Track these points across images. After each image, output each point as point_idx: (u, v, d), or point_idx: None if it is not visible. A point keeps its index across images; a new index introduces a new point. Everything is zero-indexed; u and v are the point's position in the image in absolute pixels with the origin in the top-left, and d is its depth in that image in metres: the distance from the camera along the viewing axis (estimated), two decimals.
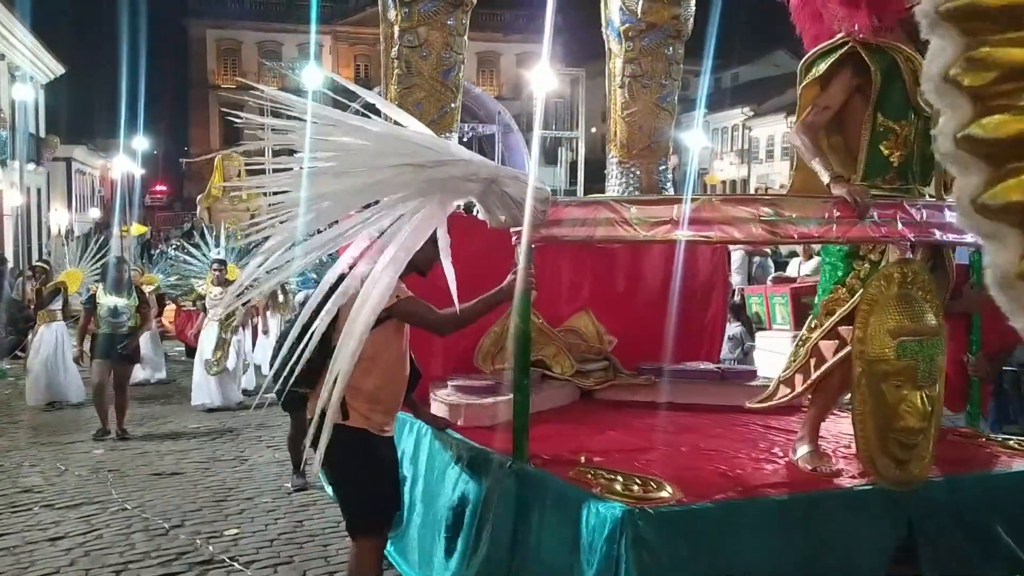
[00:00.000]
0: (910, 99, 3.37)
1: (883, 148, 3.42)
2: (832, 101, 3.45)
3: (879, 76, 3.36)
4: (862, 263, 3.42)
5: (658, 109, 6.45)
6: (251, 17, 44.51)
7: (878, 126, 3.41)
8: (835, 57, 3.44)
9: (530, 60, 36.86)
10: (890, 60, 3.36)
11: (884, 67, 3.36)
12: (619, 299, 5.88)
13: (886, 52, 3.37)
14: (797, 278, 9.45)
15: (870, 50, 3.37)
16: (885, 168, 3.42)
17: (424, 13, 5.57)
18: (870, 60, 3.36)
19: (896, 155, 3.40)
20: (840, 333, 3.42)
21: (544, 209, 3.11)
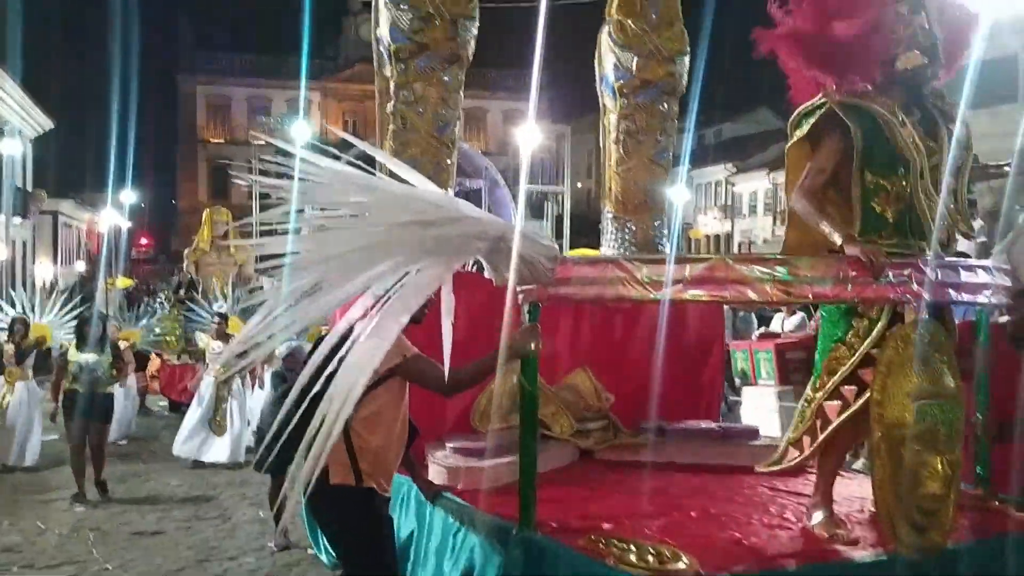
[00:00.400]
0: (898, 155, 3.35)
1: (875, 205, 3.39)
2: (825, 163, 3.44)
3: (860, 134, 3.35)
4: (861, 320, 3.36)
5: (653, 165, 6.45)
6: (241, 73, 45.00)
7: (868, 183, 3.39)
8: (816, 117, 3.45)
9: (517, 117, 37.42)
10: (871, 118, 3.36)
11: (865, 125, 3.35)
12: (616, 356, 5.79)
13: (865, 110, 3.36)
14: (781, 333, 9.44)
15: (848, 109, 3.37)
16: (881, 224, 3.38)
17: (420, 69, 5.56)
18: (848, 119, 3.36)
19: (890, 211, 3.37)
20: (843, 393, 3.36)
21: (552, 267, 3.04)
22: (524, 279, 3.08)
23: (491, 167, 15.67)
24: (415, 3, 5.43)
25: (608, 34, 6.28)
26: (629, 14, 6.20)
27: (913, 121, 3.39)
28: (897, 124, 3.34)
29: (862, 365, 3.28)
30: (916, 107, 3.46)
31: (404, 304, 2.95)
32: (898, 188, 3.35)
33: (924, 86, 3.43)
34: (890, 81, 3.41)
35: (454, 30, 5.52)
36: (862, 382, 3.27)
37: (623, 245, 6.43)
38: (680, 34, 6.31)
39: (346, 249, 2.91)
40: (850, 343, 3.37)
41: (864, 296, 3.03)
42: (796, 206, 3.45)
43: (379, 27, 5.64)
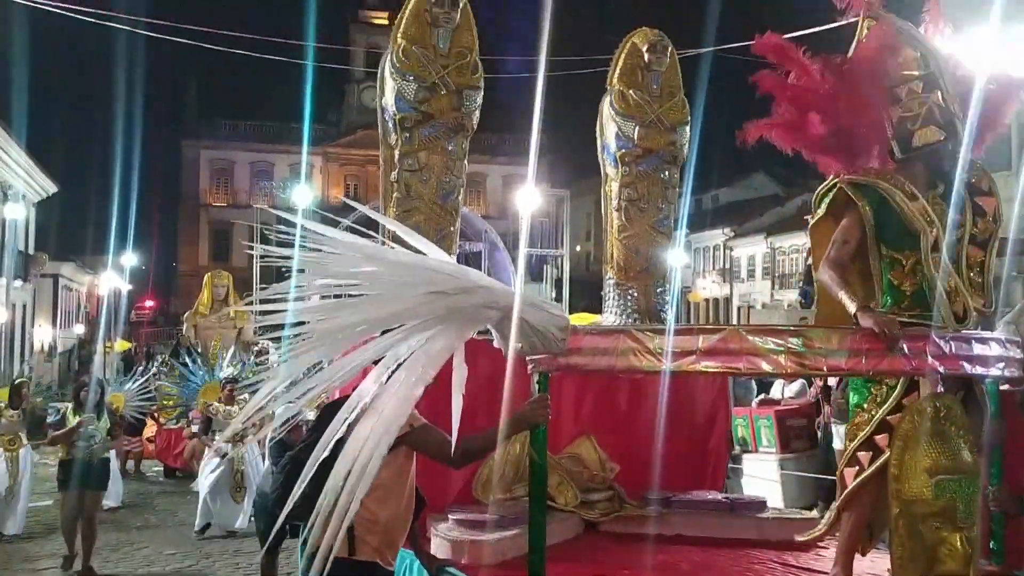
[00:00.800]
0: (909, 230, 3.38)
1: (892, 278, 3.43)
2: (849, 235, 3.49)
3: (869, 211, 3.41)
4: (880, 387, 3.38)
5: (655, 232, 6.48)
6: (244, 138, 45.66)
7: (884, 257, 3.45)
8: (829, 198, 3.54)
9: (516, 181, 37.73)
10: (878, 194, 3.41)
11: (875, 202, 3.41)
12: (620, 423, 5.72)
13: (873, 188, 3.42)
14: (781, 400, 9.38)
15: (857, 188, 3.44)
16: (899, 297, 3.41)
17: (425, 138, 5.61)
18: (856, 198, 3.42)
19: (907, 284, 3.40)
20: (860, 459, 3.35)
21: (563, 337, 3.01)
22: (535, 349, 3.05)
23: (491, 230, 15.78)
24: (420, 74, 5.51)
25: (610, 103, 6.36)
26: (631, 84, 6.30)
27: (935, 195, 3.43)
28: (906, 199, 3.37)
29: (878, 431, 3.29)
30: (940, 180, 3.50)
31: (416, 374, 2.92)
32: (912, 260, 3.39)
33: (945, 160, 3.47)
34: (908, 157, 3.47)
35: (459, 100, 5.59)
36: (877, 447, 3.27)
37: (625, 311, 6.42)
38: (681, 104, 6.41)
39: (357, 318, 2.88)
40: (868, 410, 3.39)
41: (878, 369, 3.00)
42: (822, 276, 3.50)
43: (384, 96, 5.71)
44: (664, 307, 6.51)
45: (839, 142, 3.44)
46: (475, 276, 3.03)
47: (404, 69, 5.51)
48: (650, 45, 6.24)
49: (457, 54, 5.64)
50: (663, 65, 6.28)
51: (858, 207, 3.45)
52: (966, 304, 3.36)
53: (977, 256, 3.45)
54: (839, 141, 3.44)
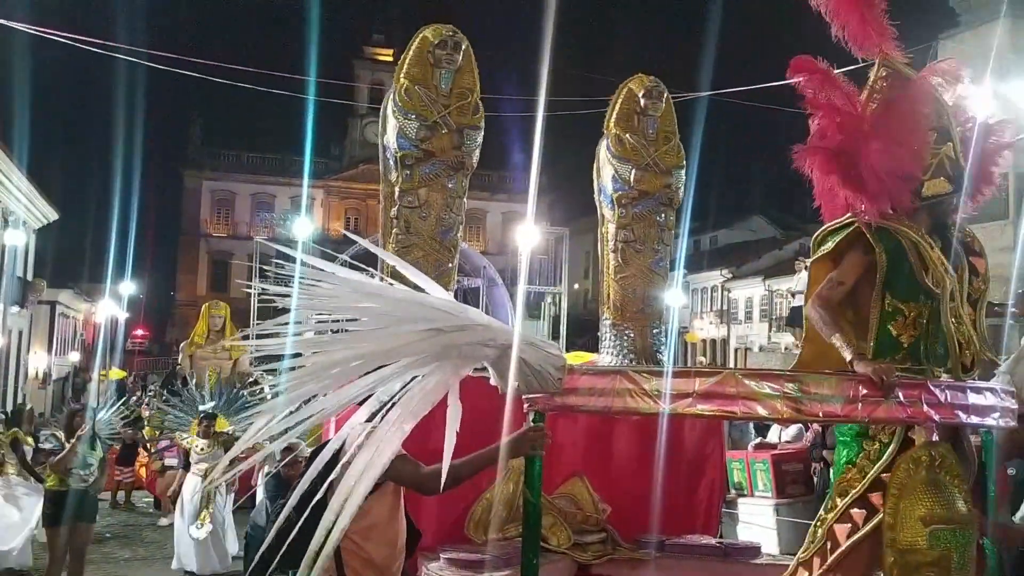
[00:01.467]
0: (919, 282, 3.37)
1: (892, 328, 3.40)
2: (846, 277, 3.45)
3: (885, 257, 3.38)
4: (872, 443, 3.33)
5: (651, 273, 6.52)
6: (247, 170, 45.92)
7: (887, 306, 3.41)
8: (842, 236, 3.49)
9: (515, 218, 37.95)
10: (896, 242, 3.39)
11: (890, 248, 3.38)
12: (614, 465, 5.69)
13: (893, 234, 3.40)
14: (778, 444, 9.33)
15: (876, 231, 3.41)
16: (895, 348, 3.39)
17: (425, 175, 5.68)
18: (874, 241, 3.39)
19: (905, 336, 3.39)
20: (853, 516, 3.30)
21: (560, 377, 3.01)
22: (531, 387, 3.04)
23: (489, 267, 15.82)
24: (422, 112, 5.59)
25: (606, 147, 6.45)
26: (627, 128, 6.39)
27: (938, 249, 3.44)
28: (927, 248, 3.37)
29: (872, 489, 3.23)
30: (938, 236, 3.51)
31: (409, 411, 2.91)
32: (915, 314, 3.38)
33: (947, 215, 3.50)
34: (915, 207, 3.47)
35: (459, 139, 5.67)
36: (872, 505, 3.21)
37: (621, 352, 6.44)
38: (676, 148, 6.49)
39: (352, 354, 2.88)
40: (860, 466, 3.34)
41: (874, 416, 2.99)
42: (811, 313, 3.45)
43: (386, 134, 5.77)
44: (660, 347, 6.52)
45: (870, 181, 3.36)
46: (473, 314, 3.04)
47: (406, 108, 5.60)
48: (646, 91, 6.35)
49: (458, 95, 5.73)
50: (659, 110, 6.39)
51: (862, 250, 3.42)
52: (975, 355, 3.36)
53: (970, 314, 3.45)
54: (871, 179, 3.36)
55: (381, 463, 2.86)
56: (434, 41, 5.70)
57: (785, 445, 9.21)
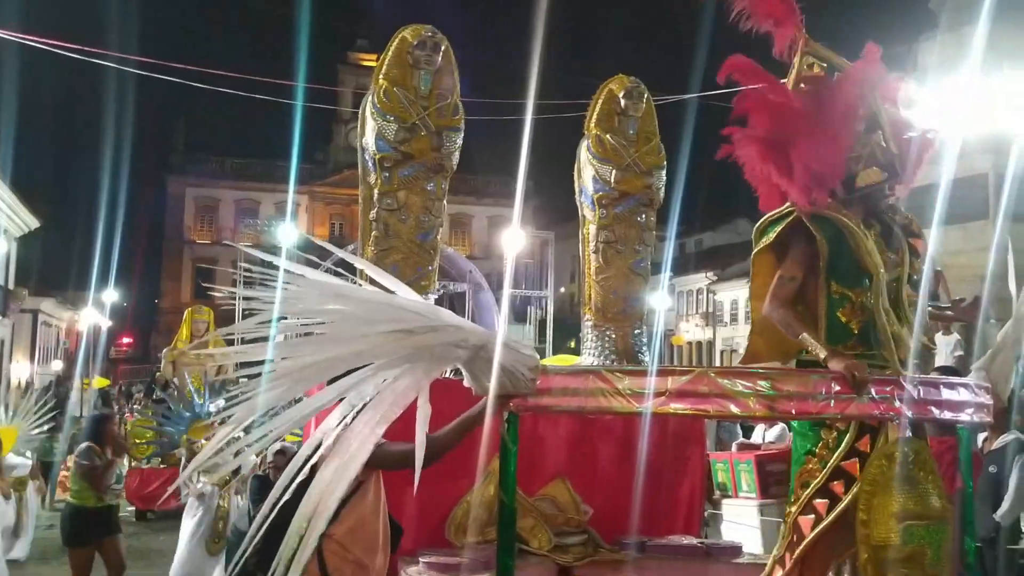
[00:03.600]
0: (860, 266, 3.41)
1: (840, 315, 3.43)
2: (795, 271, 3.49)
3: (825, 244, 3.42)
4: (830, 432, 3.36)
5: (632, 274, 6.53)
6: (231, 176, 45.74)
7: (832, 293, 3.44)
8: (782, 225, 3.52)
9: (501, 222, 37.96)
10: (835, 229, 3.43)
11: (830, 235, 3.42)
12: (595, 467, 5.68)
13: (831, 221, 3.44)
14: (762, 445, 9.34)
15: (815, 219, 3.45)
16: (846, 335, 3.41)
17: (404, 178, 5.65)
18: (814, 229, 3.43)
19: (855, 322, 3.41)
20: (816, 507, 3.32)
21: (533, 377, 2.99)
22: (504, 388, 3.03)
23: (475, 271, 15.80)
24: (401, 114, 5.56)
25: (587, 148, 6.45)
26: (608, 129, 6.40)
27: (875, 234, 3.48)
28: (862, 235, 3.41)
29: (833, 478, 3.26)
30: (875, 221, 3.55)
31: (381, 413, 2.89)
32: (862, 299, 3.41)
33: (881, 201, 3.53)
34: (849, 197, 3.51)
35: (439, 141, 5.65)
36: (834, 494, 3.24)
37: (603, 353, 6.44)
38: (657, 149, 6.50)
39: (322, 357, 2.86)
40: (820, 455, 3.36)
41: (847, 413, 2.99)
42: (774, 315, 3.47)
43: (365, 136, 5.75)
44: (642, 348, 6.53)
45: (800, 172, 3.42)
46: (445, 314, 3.02)
47: (385, 110, 5.57)
48: (626, 91, 6.37)
49: (438, 96, 5.72)
50: (639, 111, 6.40)
51: (804, 240, 3.46)
52: (907, 345, 3.38)
53: (912, 296, 3.47)
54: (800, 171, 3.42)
55: (355, 466, 2.83)
56: (413, 42, 5.68)
57: (769, 445, 9.22)
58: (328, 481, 2.80)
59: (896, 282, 3.45)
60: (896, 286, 3.45)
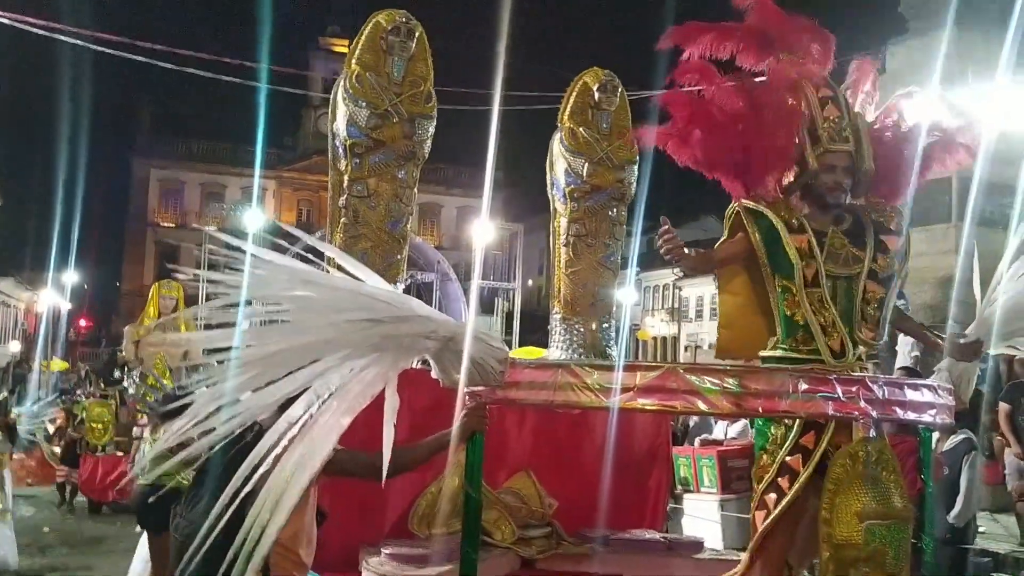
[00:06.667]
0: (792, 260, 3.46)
1: (785, 308, 3.48)
2: (731, 252, 3.62)
3: (759, 236, 3.49)
4: (778, 427, 3.42)
5: (601, 268, 6.55)
6: (197, 159, 45.11)
7: (777, 286, 3.50)
8: (730, 221, 3.64)
9: (471, 213, 37.94)
10: (769, 222, 3.48)
11: (764, 229, 3.49)
12: (560, 461, 5.67)
13: (764, 215, 3.50)
14: (724, 440, 9.44)
15: (750, 212, 3.54)
16: (795, 328, 3.46)
17: (375, 165, 5.59)
18: (747, 223, 3.52)
19: (799, 314, 3.46)
20: (767, 502, 3.38)
21: (501, 370, 2.97)
22: (473, 380, 3.00)
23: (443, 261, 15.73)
24: (373, 100, 5.50)
25: (560, 140, 6.44)
26: (581, 122, 6.39)
27: (838, 229, 3.52)
28: (786, 231, 3.46)
29: (780, 473, 3.33)
30: (848, 213, 3.59)
31: (346, 403, 2.84)
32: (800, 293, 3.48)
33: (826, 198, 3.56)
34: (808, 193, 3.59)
35: (411, 128, 5.59)
36: (781, 488, 3.30)
37: (571, 346, 6.45)
38: (630, 143, 6.50)
39: (288, 344, 2.80)
40: (771, 451, 3.43)
41: (812, 411, 3.02)
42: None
43: (335, 122, 5.68)
44: (610, 342, 6.55)
45: (739, 165, 3.51)
46: (414, 304, 2.98)
47: (357, 95, 5.50)
48: (600, 85, 6.36)
49: (411, 83, 5.65)
50: (613, 105, 6.40)
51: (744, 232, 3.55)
52: (844, 340, 3.40)
53: (877, 292, 3.49)
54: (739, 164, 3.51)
55: (317, 459, 2.78)
56: (387, 27, 5.61)
57: (731, 441, 9.31)
58: (290, 472, 2.75)
59: (855, 277, 3.48)
60: (854, 281, 3.48)
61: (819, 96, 3.53)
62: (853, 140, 3.51)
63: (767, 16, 3.63)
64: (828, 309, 3.41)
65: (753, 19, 3.65)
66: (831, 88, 3.60)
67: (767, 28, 3.60)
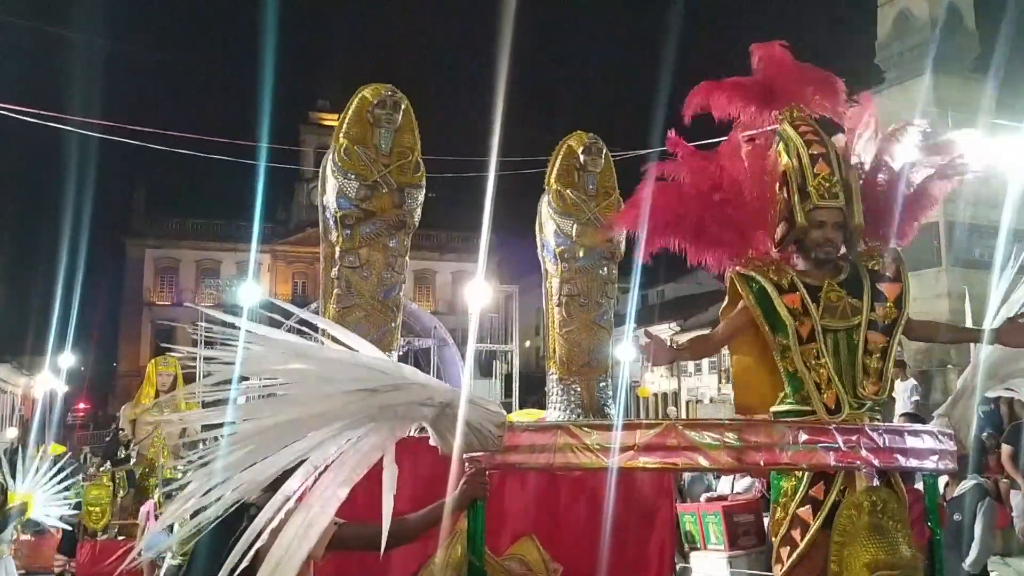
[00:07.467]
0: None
1: (786, 366, 3.50)
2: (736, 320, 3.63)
3: (753, 301, 3.51)
4: (789, 481, 3.40)
5: (595, 327, 6.56)
6: (191, 237, 45.30)
7: (777, 344, 3.51)
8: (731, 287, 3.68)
9: (465, 277, 37.95)
10: (760, 285, 3.51)
11: (756, 292, 3.52)
12: (563, 524, 5.60)
13: (755, 278, 3.53)
14: (729, 495, 9.33)
15: (741, 277, 3.58)
16: (799, 385, 3.47)
17: (366, 235, 5.63)
18: (741, 288, 3.55)
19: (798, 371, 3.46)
20: (782, 556, 3.34)
21: (500, 434, 2.95)
22: (471, 446, 2.98)
23: (440, 327, 15.70)
24: (362, 172, 5.57)
25: (548, 203, 6.52)
26: (567, 184, 6.49)
27: (835, 281, 3.54)
28: (775, 291, 3.48)
29: (791, 526, 3.30)
30: (846, 265, 3.61)
31: (344, 474, 2.82)
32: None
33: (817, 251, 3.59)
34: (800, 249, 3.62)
35: (400, 198, 5.65)
36: (794, 541, 3.27)
37: (569, 407, 6.42)
38: (616, 203, 6.58)
39: (283, 418, 2.79)
40: (783, 504, 3.41)
41: (813, 463, 3.00)
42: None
43: (326, 195, 5.73)
44: (607, 401, 6.52)
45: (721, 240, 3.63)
46: (408, 372, 2.97)
47: (346, 168, 5.57)
48: (585, 147, 6.48)
49: (399, 153, 5.73)
50: (598, 166, 6.50)
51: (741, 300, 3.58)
52: (839, 395, 3.41)
53: (879, 342, 3.49)
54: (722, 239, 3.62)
55: (315, 531, 2.75)
56: (373, 101, 5.71)
57: (736, 496, 9.20)
58: (288, 545, 2.72)
59: (855, 328, 3.49)
60: (854, 332, 3.49)
61: (810, 153, 3.55)
62: (844, 196, 3.54)
63: (776, 69, 3.72)
64: (824, 365, 3.42)
65: (761, 72, 3.74)
66: (823, 145, 3.62)
67: (774, 82, 3.69)
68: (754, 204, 3.57)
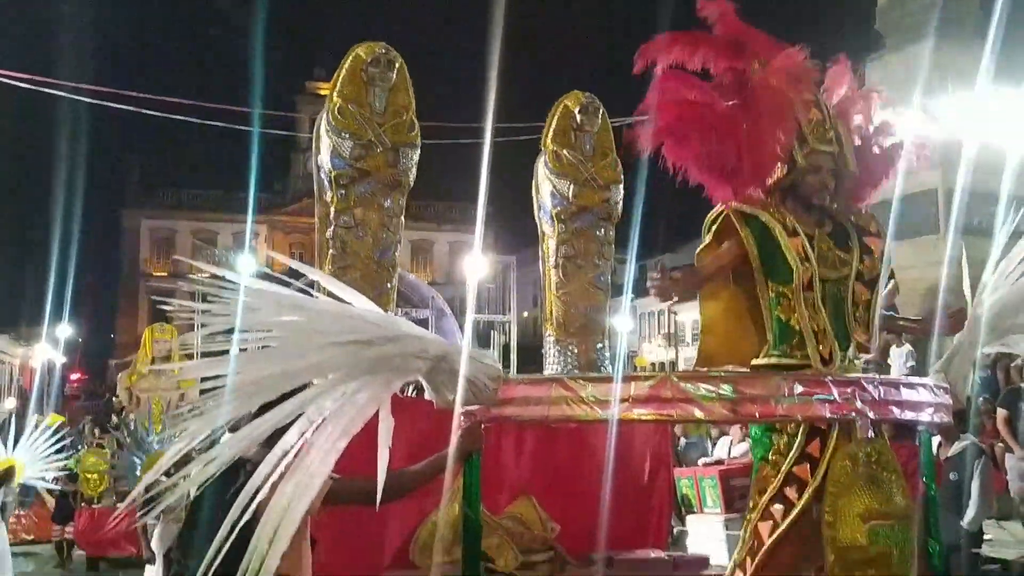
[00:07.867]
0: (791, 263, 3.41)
1: (780, 314, 3.45)
2: (722, 260, 3.54)
3: (753, 243, 3.44)
4: (781, 436, 3.37)
5: (592, 288, 6.57)
6: (187, 207, 45.17)
7: (770, 291, 3.47)
8: (718, 224, 3.59)
9: (463, 247, 37.94)
10: (762, 225, 3.44)
11: (758, 233, 3.44)
12: (561, 483, 5.62)
13: (758, 218, 3.45)
14: (726, 460, 9.38)
15: (742, 216, 3.48)
16: (790, 334, 3.43)
17: (361, 195, 5.62)
18: (739, 226, 3.46)
19: (794, 319, 3.43)
20: (773, 513, 3.33)
21: (495, 387, 2.94)
22: (466, 400, 2.97)
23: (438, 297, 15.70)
24: (356, 131, 5.53)
25: (544, 163, 6.49)
26: (564, 145, 6.45)
27: (823, 232, 3.50)
28: (785, 233, 3.42)
29: (786, 483, 3.28)
30: (828, 218, 3.58)
31: (341, 427, 2.81)
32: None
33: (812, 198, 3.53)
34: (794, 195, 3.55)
35: (395, 157, 5.62)
36: (788, 500, 3.26)
37: (566, 368, 6.45)
38: (614, 163, 6.56)
39: (278, 369, 2.78)
40: (774, 461, 3.38)
41: (810, 414, 2.99)
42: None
43: (320, 154, 5.71)
44: (604, 362, 6.54)
45: (726, 166, 3.42)
46: (404, 325, 2.96)
47: (340, 127, 5.54)
48: (581, 107, 6.44)
49: (393, 112, 5.70)
50: (595, 126, 6.46)
51: (737, 236, 3.48)
52: (833, 346, 3.39)
53: (864, 294, 3.49)
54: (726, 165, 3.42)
55: (314, 486, 2.74)
56: (367, 59, 5.66)
57: (733, 460, 9.25)
58: (288, 500, 2.71)
59: (844, 280, 3.48)
60: (842, 284, 3.48)
61: (802, 98, 3.52)
62: (836, 143, 3.52)
63: (734, 28, 3.63)
64: (820, 314, 3.40)
65: (720, 30, 3.64)
66: (812, 91, 3.60)
67: (738, 37, 3.60)
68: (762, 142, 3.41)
